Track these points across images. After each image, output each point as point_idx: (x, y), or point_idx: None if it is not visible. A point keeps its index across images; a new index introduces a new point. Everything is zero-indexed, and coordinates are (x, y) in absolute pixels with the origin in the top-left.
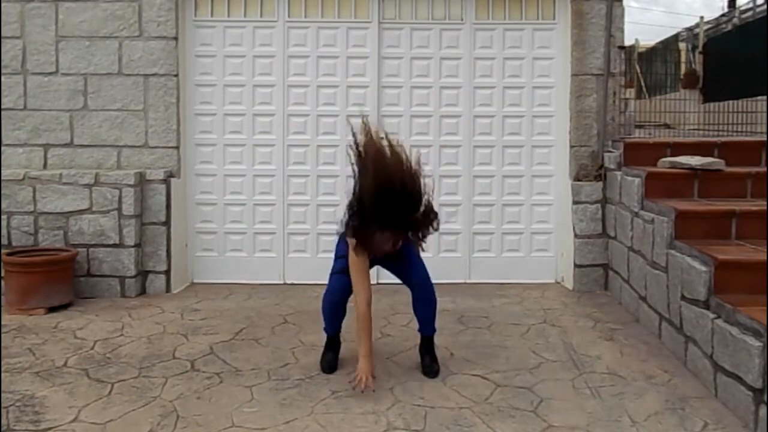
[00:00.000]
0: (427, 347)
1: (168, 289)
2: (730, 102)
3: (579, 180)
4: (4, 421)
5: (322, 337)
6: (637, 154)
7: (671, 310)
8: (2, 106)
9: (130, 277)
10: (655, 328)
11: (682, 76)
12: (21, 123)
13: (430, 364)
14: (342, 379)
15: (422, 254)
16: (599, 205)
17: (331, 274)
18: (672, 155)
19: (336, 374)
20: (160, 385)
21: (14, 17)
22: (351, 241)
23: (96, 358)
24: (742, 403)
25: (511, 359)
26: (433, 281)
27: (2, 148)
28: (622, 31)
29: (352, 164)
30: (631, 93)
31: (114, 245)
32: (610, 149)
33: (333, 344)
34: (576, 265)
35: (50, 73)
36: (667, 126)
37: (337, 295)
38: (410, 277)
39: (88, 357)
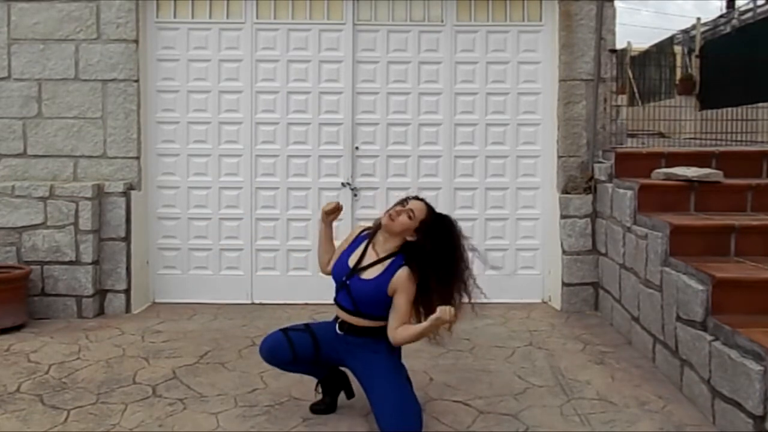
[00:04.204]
0: None
1: (128, 309)
2: (729, 109)
3: (567, 193)
4: None
5: None
6: (629, 165)
7: (666, 331)
8: None
9: (88, 297)
10: (649, 351)
11: (677, 82)
12: None
13: None
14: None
15: None
16: (589, 219)
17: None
18: (667, 166)
19: (306, 401)
20: (120, 411)
21: None
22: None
23: (51, 383)
24: (741, 431)
25: (495, 384)
26: None
27: None
28: (614, 34)
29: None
30: (622, 99)
31: (70, 262)
32: (601, 160)
33: (326, 387)
34: (564, 284)
35: (1, 79)
36: (661, 135)
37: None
38: (380, 423)
39: (42, 382)
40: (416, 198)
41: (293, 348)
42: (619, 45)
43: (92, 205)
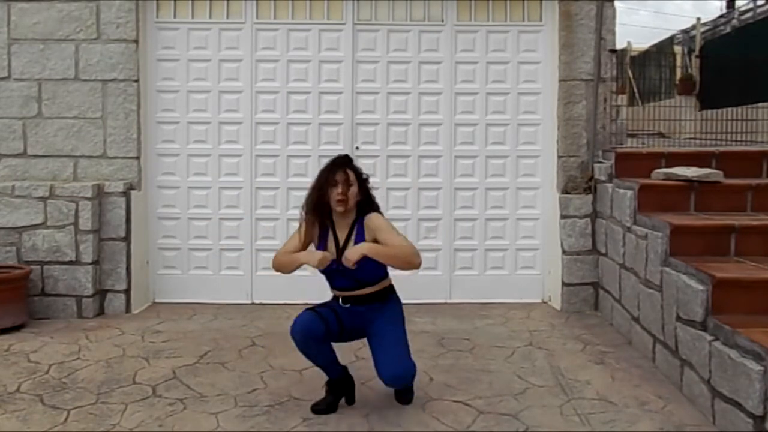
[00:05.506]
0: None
1: (128, 309)
2: (729, 109)
3: (567, 193)
4: None
5: (293, 361)
6: (629, 165)
7: (666, 331)
8: None
9: (88, 297)
10: (649, 351)
11: (677, 82)
12: None
13: (402, 392)
14: None
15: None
16: (589, 219)
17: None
18: (667, 166)
19: (306, 401)
20: (120, 412)
21: None
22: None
23: (51, 383)
24: (741, 431)
25: (495, 384)
26: (412, 301)
27: None
28: (614, 34)
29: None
30: (622, 100)
31: (70, 262)
32: (601, 160)
33: (334, 388)
34: (564, 284)
35: (2, 79)
36: (661, 135)
37: (304, 332)
38: (380, 368)
39: (42, 382)
40: (336, 169)
41: (326, 322)
42: (619, 45)
43: (92, 205)
